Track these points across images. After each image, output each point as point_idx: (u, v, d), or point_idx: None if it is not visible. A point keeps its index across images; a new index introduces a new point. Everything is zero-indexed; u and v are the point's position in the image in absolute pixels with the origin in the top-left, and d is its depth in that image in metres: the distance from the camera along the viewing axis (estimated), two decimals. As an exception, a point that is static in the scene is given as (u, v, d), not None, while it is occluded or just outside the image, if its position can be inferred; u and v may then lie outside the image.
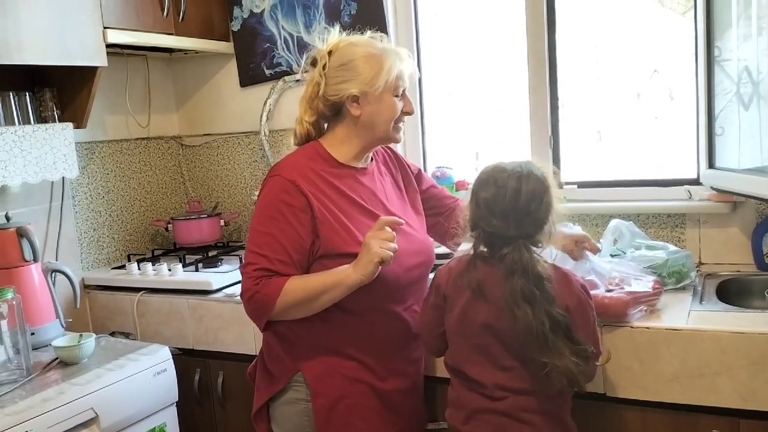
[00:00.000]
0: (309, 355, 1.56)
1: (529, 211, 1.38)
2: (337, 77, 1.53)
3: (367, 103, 1.53)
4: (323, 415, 1.54)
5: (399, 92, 1.56)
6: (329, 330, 1.54)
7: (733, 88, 1.90)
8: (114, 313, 2.37)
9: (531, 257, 1.38)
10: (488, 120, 2.52)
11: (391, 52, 1.55)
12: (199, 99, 2.86)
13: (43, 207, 2.32)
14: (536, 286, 1.35)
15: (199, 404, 2.27)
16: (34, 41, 1.95)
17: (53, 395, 1.69)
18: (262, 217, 1.51)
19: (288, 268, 1.47)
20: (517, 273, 1.36)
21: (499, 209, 1.39)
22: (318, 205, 1.49)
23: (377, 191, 1.61)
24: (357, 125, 1.55)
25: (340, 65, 1.53)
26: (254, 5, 2.61)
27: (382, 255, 1.38)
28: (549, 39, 2.28)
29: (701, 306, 1.72)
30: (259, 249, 1.48)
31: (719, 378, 1.52)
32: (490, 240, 1.43)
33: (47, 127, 2.12)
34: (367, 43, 1.56)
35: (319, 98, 1.56)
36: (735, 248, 2.07)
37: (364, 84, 1.51)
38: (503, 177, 1.40)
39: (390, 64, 1.52)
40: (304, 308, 1.47)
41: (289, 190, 1.49)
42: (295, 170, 1.52)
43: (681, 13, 2.29)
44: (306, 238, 1.48)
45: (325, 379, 1.54)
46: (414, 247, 1.59)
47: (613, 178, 2.30)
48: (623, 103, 2.34)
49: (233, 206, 2.85)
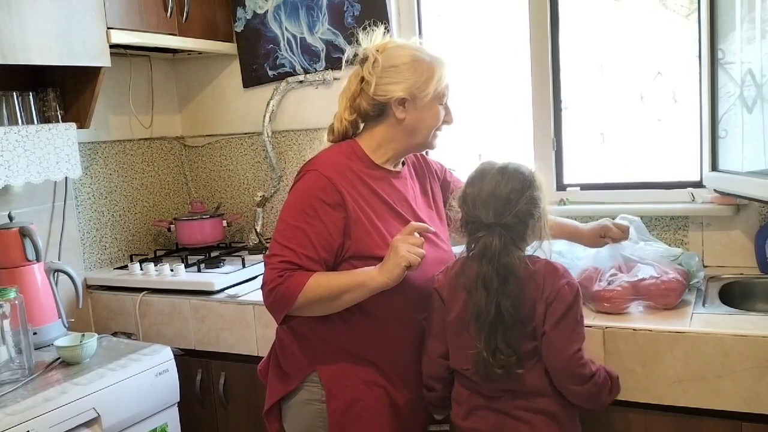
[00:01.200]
0: (326, 355, 1.54)
1: (509, 200, 1.39)
2: (386, 77, 1.51)
3: (413, 108, 1.52)
4: (337, 417, 1.52)
5: (444, 101, 1.56)
6: (348, 331, 1.52)
7: (737, 90, 1.90)
8: (116, 313, 2.37)
9: (503, 247, 1.37)
10: (491, 122, 2.51)
11: (441, 60, 1.54)
12: (202, 100, 2.86)
13: (46, 207, 2.33)
14: (498, 276, 1.36)
15: (200, 405, 2.27)
16: (38, 41, 1.95)
17: (55, 395, 1.69)
18: (293, 210, 1.48)
19: (314, 264, 1.45)
20: (485, 258, 1.37)
21: (480, 199, 1.41)
22: (353, 204, 1.48)
23: (408, 196, 1.60)
24: (399, 128, 1.54)
25: (391, 66, 1.51)
26: (257, 6, 2.62)
27: (410, 259, 1.37)
28: (552, 41, 2.28)
29: (704, 309, 1.72)
30: (286, 241, 1.45)
31: (722, 381, 1.52)
32: (472, 230, 1.43)
33: (50, 127, 2.12)
34: (416, 48, 1.55)
35: (363, 96, 1.54)
36: (738, 251, 2.06)
37: (413, 88, 1.50)
38: (489, 170, 1.44)
39: (441, 73, 1.52)
40: (324, 306, 1.45)
41: (325, 187, 1.47)
42: (333, 167, 1.50)
43: (685, 16, 2.29)
44: (336, 238, 1.46)
45: (340, 381, 1.53)
46: (438, 256, 1.58)
47: (616, 180, 2.30)
48: (626, 105, 2.33)
49: (236, 207, 2.85)
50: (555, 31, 2.29)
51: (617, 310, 1.70)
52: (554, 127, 2.30)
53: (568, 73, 2.30)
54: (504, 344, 1.37)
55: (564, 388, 1.42)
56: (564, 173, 2.33)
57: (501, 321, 1.36)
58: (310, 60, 2.56)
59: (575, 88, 2.33)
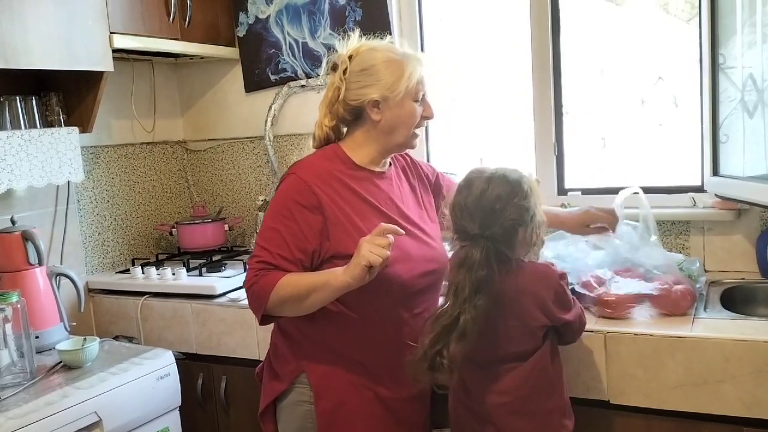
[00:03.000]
0: (314, 355, 1.56)
1: (494, 210, 1.40)
2: (358, 82, 1.53)
3: (387, 108, 1.53)
4: (325, 419, 1.54)
5: (419, 97, 1.56)
6: (336, 331, 1.53)
7: (738, 95, 1.90)
8: (118, 317, 2.38)
9: (484, 260, 1.38)
10: (493, 126, 2.52)
11: (412, 57, 1.56)
12: (204, 104, 2.87)
13: (49, 211, 2.33)
14: (471, 286, 1.37)
15: (201, 409, 2.27)
16: (41, 46, 1.96)
17: (57, 399, 1.69)
18: (271, 213, 1.52)
19: (288, 264, 1.47)
20: (464, 267, 1.39)
21: (467, 209, 1.42)
22: (331, 206, 1.50)
23: (394, 196, 1.61)
24: (376, 130, 1.56)
25: (361, 70, 1.54)
26: (260, 11, 2.62)
27: (370, 259, 1.34)
28: (553, 46, 2.29)
29: (705, 313, 1.71)
30: (264, 243, 1.50)
31: (723, 386, 1.52)
32: (460, 239, 1.44)
33: (53, 131, 2.13)
34: (388, 48, 1.57)
35: (340, 102, 1.56)
36: (739, 256, 2.06)
37: (385, 89, 1.51)
38: (476, 179, 1.45)
39: (411, 70, 1.53)
40: (296, 306, 1.46)
41: (302, 190, 1.50)
42: (311, 170, 1.53)
43: (686, 20, 2.30)
44: (310, 239, 1.48)
45: (328, 382, 1.54)
46: (427, 254, 1.59)
47: (617, 185, 2.29)
48: (627, 110, 2.33)
49: (237, 211, 2.85)
50: (556, 35, 2.29)
51: (620, 315, 1.70)
52: (555, 131, 2.30)
53: (569, 78, 2.31)
54: (446, 351, 1.36)
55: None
56: (565, 178, 2.33)
57: (452, 329, 1.36)
58: (311, 65, 2.57)
59: (576, 93, 2.34)
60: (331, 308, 1.50)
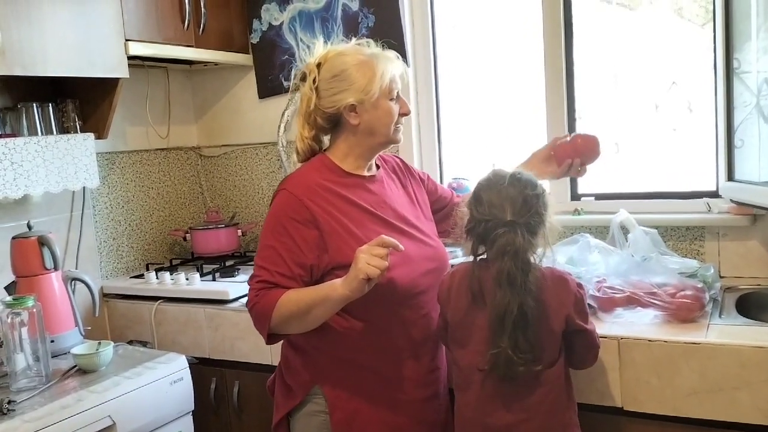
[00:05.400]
0: (326, 367, 1.55)
1: (525, 200, 1.41)
2: (331, 89, 1.53)
3: (364, 111, 1.53)
4: (341, 429, 1.53)
5: (394, 95, 1.55)
6: (344, 340, 1.53)
7: (753, 100, 1.89)
8: (132, 321, 2.40)
9: (525, 242, 1.38)
10: (505, 132, 2.51)
11: (381, 56, 1.55)
12: (218, 110, 2.89)
13: (64, 216, 2.36)
14: (521, 273, 1.37)
15: (214, 413, 2.28)
16: (57, 53, 1.99)
17: (71, 402, 1.71)
18: (266, 231, 1.52)
19: (288, 281, 1.47)
20: (508, 255, 1.37)
21: (498, 200, 1.41)
22: (325, 217, 1.49)
23: (387, 198, 1.60)
24: (357, 134, 1.55)
25: (333, 77, 1.53)
26: (273, 18, 2.64)
27: (368, 272, 1.33)
28: (566, 51, 2.28)
29: (720, 320, 1.70)
30: (262, 262, 1.49)
31: (739, 393, 1.50)
32: (486, 230, 1.42)
33: (69, 137, 2.16)
34: (356, 51, 1.56)
35: (315, 112, 1.55)
36: (755, 261, 2.04)
37: (359, 92, 1.51)
38: (504, 175, 1.46)
39: (382, 69, 1.52)
40: (299, 322, 1.46)
41: (294, 205, 1.49)
42: (302, 184, 1.53)
43: (700, 25, 2.28)
44: (307, 254, 1.48)
45: (342, 393, 1.54)
46: (426, 253, 1.59)
47: (631, 190, 2.29)
48: (641, 114, 2.32)
49: (251, 216, 2.87)
50: (569, 41, 2.28)
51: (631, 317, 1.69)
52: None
53: (582, 83, 2.30)
54: (525, 342, 1.37)
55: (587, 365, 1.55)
56: (578, 183, 2.33)
57: (524, 318, 1.36)
58: (324, 71, 2.58)
59: (590, 98, 2.33)
60: (337, 320, 1.50)
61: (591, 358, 1.54)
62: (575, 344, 1.50)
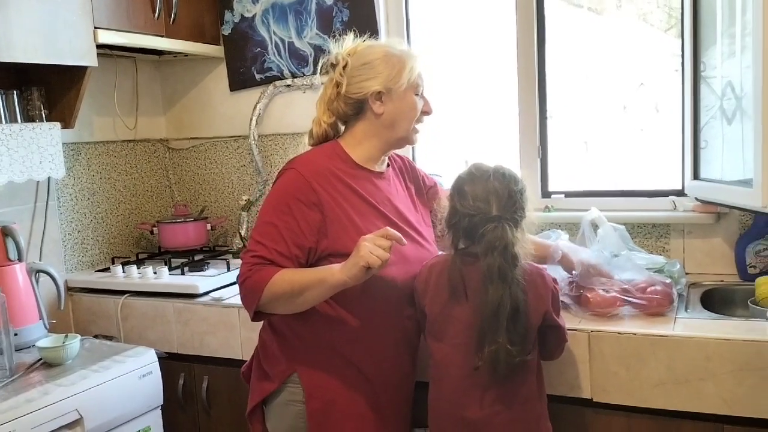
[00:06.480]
0: (305, 355, 1.55)
1: (511, 193, 1.43)
2: (359, 75, 1.54)
3: (390, 100, 1.54)
4: (316, 419, 1.53)
5: (419, 91, 1.58)
6: (328, 330, 1.52)
7: (717, 102, 1.94)
8: (97, 316, 2.34)
9: (513, 237, 1.40)
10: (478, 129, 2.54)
11: (410, 53, 1.59)
12: (187, 102, 2.85)
13: (28, 207, 2.30)
14: (510, 266, 1.38)
15: (182, 409, 2.24)
16: (23, 39, 1.94)
17: (37, 396, 1.67)
18: (269, 208, 1.51)
19: (284, 259, 1.46)
20: (497, 250, 1.38)
21: (481, 191, 1.43)
22: (330, 203, 1.49)
23: (392, 197, 1.61)
24: (378, 123, 1.56)
25: (362, 64, 1.55)
26: (246, 10, 2.62)
27: (369, 260, 1.33)
28: (538, 52, 2.32)
29: (686, 314, 1.74)
30: (260, 237, 1.48)
31: (704, 384, 1.55)
32: (472, 225, 1.43)
33: (34, 126, 2.10)
34: (386, 45, 1.62)
35: (340, 98, 1.57)
36: (719, 258, 2.10)
37: (387, 81, 1.53)
38: (486, 170, 1.47)
39: (412, 64, 1.55)
40: (289, 302, 1.45)
41: (302, 186, 1.49)
42: (311, 167, 1.52)
43: (664, 30, 2.34)
44: (308, 236, 1.47)
45: (319, 383, 1.53)
46: (422, 256, 1.59)
47: (599, 188, 2.34)
48: (610, 114, 2.38)
49: (220, 211, 2.83)
50: (541, 42, 2.32)
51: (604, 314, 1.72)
52: (540, 135, 2.33)
53: (553, 83, 2.34)
54: (517, 335, 1.38)
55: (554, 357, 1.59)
56: (549, 180, 2.36)
57: (516, 310, 1.38)
58: (298, 64, 2.57)
59: (560, 98, 2.37)
60: (325, 308, 1.50)
61: (559, 351, 1.58)
62: (548, 339, 1.53)
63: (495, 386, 1.43)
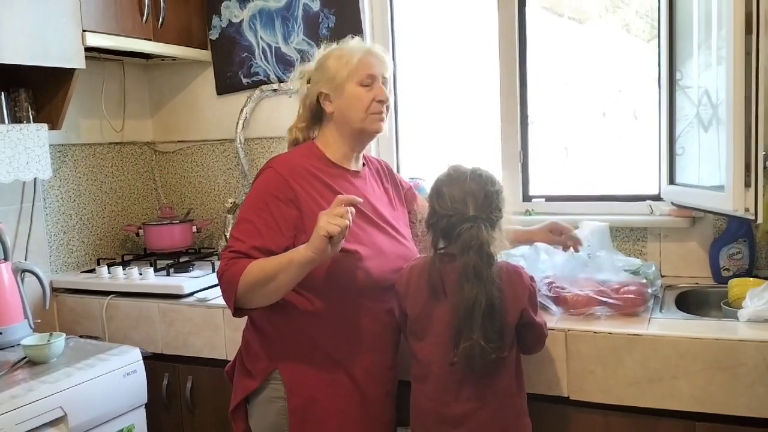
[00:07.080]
0: (287, 352, 1.57)
1: (487, 196, 1.46)
2: (313, 80, 1.62)
3: (336, 98, 1.59)
4: (298, 416, 1.55)
5: (364, 81, 1.57)
6: (309, 325, 1.55)
7: (694, 111, 1.99)
8: (82, 316, 2.35)
9: (489, 237, 1.43)
10: (460, 135, 2.58)
11: (360, 47, 1.62)
12: (174, 105, 2.87)
13: (14, 207, 2.31)
14: (486, 265, 1.41)
15: (166, 409, 2.26)
16: (12, 41, 1.95)
17: (21, 393, 1.68)
18: (247, 206, 1.54)
19: (261, 254, 1.47)
20: (473, 249, 1.42)
21: (458, 192, 1.46)
22: (307, 200, 1.52)
23: (368, 194, 1.64)
24: (334, 121, 1.61)
25: (316, 69, 1.62)
26: (233, 15, 2.65)
27: (328, 229, 1.34)
28: (520, 59, 2.37)
29: (661, 314, 1.79)
30: (238, 234, 1.51)
31: (677, 382, 1.59)
32: (449, 225, 1.46)
33: (22, 127, 2.12)
34: (342, 46, 1.63)
35: (304, 104, 1.64)
36: (694, 262, 2.15)
37: (329, 79, 1.58)
38: (464, 171, 1.50)
39: (349, 54, 1.58)
40: (265, 290, 1.45)
41: (279, 184, 1.52)
42: (288, 165, 1.56)
43: (646, 41, 2.40)
44: (285, 231, 1.50)
45: (301, 379, 1.55)
46: (399, 251, 1.63)
47: (579, 192, 2.38)
48: (590, 121, 2.43)
49: (206, 213, 2.85)
50: (523, 50, 2.37)
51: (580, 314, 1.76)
52: (521, 140, 2.38)
53: (534, 89, 2.39)
54: (493, 332, 1.41)
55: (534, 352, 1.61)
56: (530, 185, 2.41)
57: (492, 309, 1.41)
58: (284, 69, 2.60)
59: (541, 104, 2.42)
60: (303, 302, 1.53)
61: (539, 347, 1.61)
62: (527, 336, 1.56)
63: (472, 382, 1.46)
